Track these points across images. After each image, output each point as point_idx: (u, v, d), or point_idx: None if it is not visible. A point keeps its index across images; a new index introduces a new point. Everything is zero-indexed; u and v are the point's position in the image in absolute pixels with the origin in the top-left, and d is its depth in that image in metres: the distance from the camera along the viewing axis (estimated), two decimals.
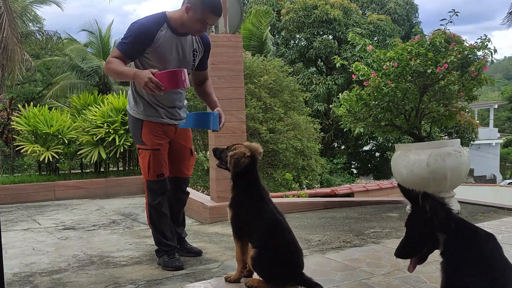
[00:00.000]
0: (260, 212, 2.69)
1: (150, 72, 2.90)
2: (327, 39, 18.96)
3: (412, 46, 4.46)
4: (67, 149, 7.39)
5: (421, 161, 4.39)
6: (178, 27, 3.16)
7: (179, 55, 3.24)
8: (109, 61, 3.09)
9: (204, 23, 3.11)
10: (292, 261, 2.64)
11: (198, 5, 3.05)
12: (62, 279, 3.16)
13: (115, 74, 3.13)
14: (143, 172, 3.41)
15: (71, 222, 5.30)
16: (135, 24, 3.14)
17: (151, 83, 2.86)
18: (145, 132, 3.31)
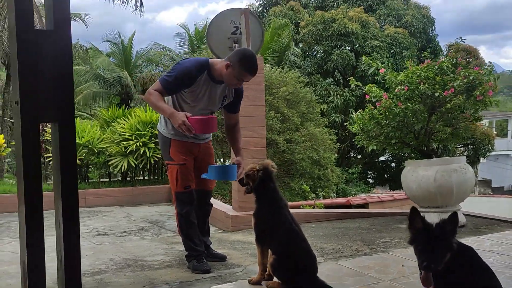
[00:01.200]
0: (278, 222, 3.10)
1: (184, 116, 3.36)
2: (345, 51, 19.30)
3: (421, 70, 4.82)
4: (97, 159, 7.86)
5: (428, 176, 4.73)
6: (216, 76, 3.54)
7: (210, 98, 3.63)
8: (150, 92, 3.52)
9: (240, 80, 3.51)
10: (307, 266, 3.03)
11: (237, 65, 3.43)
12: (104, 279, 3.57)
13: (154, 106, 3.61)
14: (171, 185, 3.80)
15: (103, 228, 5.72)
16: (180, 66, 3.56)
17: (184, 126, 3.34)
18: (173, 149, 3.72)
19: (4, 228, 5.82)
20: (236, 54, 3.49)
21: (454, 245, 2.04)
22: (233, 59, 3.46)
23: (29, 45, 1.66)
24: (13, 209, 6.93)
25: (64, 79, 1.74)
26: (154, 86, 3.57)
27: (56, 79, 1.73)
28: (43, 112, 1.73)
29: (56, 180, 1.82)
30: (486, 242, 4.22)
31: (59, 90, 1.74)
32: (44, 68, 1.70)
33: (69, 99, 1.77)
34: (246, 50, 3.60)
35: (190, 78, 3.51)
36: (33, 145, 1.74)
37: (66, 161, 1.78)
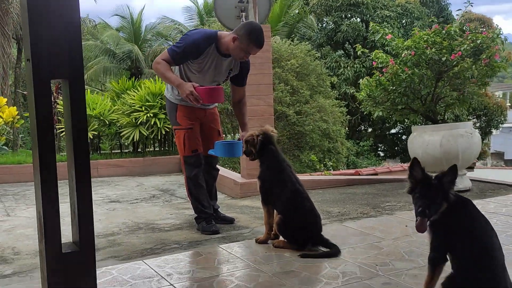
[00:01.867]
0: (282, 182, 3.21)
1: (192, 86, 3.45)
2: (355, 22, 19.09)
3: (429, 35, 4.82)
4: (108, 130, 7.99)
5: (434, 141, 4.78)
6: (223, 49, 3.59)
7: (216, 70, 3.70)
8: (158, 61, 3.60)
9: (247, 53, 3.56)
10: (311, 225, 3.14)
11: (244, 37, 3.48)
12: (117, 240, 3.71)
13: (162, 76, 3.68)
14: (179, 150, 3.91)
15: (116, 196, 5.87)
16: (188, 37, 3.61)
17: (191, 96, 3.44)
18: (180, 114, 3.82)
19: (20, 196, 6.00)
20: (243, 27, 3.54)
21: (451, 196, 2.10)
22: (240, 32, 3.50)
23: (39, 2, 1.73)
24: (28, 179, 7.12)
25: (73, 37, 1.81)
26: (162, 55, 3.63)
27: (66, 37, 1.80)
28: (54, 69, 1.81)
29: (68, 136, 1.91)
30: (490, 204, 4.28)
31: (69, 48, 1.81)
32: (54, 26, 1.77)
33: (78, 57, 1.85)
34: (253, 23, 3.63)
35: (198, 50, 3.57)
36: (45, 102, 1.83)
37: (76, 115, 1.87)
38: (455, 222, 2.11)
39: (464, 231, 2.10)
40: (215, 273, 2.77)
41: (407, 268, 2.75)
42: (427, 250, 2.97)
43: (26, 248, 3.56)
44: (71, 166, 1.90)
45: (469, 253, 2.04)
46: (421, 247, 3.09)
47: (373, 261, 2.88)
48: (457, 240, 2.09)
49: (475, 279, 1.99)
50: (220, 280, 2.65)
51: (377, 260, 2.88)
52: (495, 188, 5.12)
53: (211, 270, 2.81)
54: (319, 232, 3.18)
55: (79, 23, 1.84)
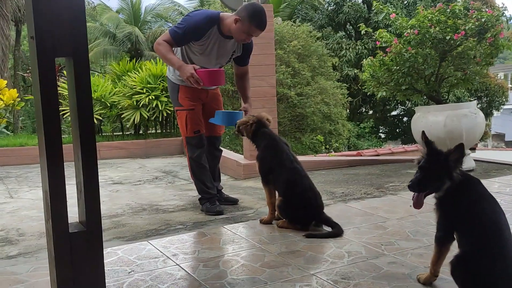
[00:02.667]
0: (280, 161, 3.21)
1: (193, 68, 3.41)
2: (357, 3, 18.91)
3: (433, 14, 4.76)
4: (110, 112, 7.96)
5: (438, 122, 4.76)
6: (225, 31, 3.54)
7: (218, 52, 3.65)
8: (159, 42, 3.54)
9: (249, 35, 3.50)
10: (312, 204, 3.14)
11: (246, 19, 3.42)
12: (121, 221, 3.71)
13: (163, 57, 3.62)
14: (182, 131, 3.89)
15: (118, 178, 5.87)
16: (190, 18, 3.55)
17: (192, 78, 3.40)
18: (181, 95, 3.79)
19: (23, 178, 6.00)
20: (245, 8, 3.48)
21: (455, 175, 2.08)
22: (242, 14, 3.45)
23: None
24: (30, 161, 7.12)
25: (77, 14, 1.79)
26: (163, 36, 3.59)
27: (70, 15, 1.77)
28: (58, 46, 1.78)
29: (73, 115, 1.90)
30: (494, 184, 4.28)
31: (73, 25, 1.79)
32: (57, 3, 1.74)
33: (82, 34, 1.82)
34: (255, 5, 3.56)
35: (200, 32, 3.52)
36: (50, 79, 1.81)
37: (81, 94, 1.85)
38: (462, 200, 2.10)
39: (472, 210, 2.08)
40: (220, 253, 2.77)
41: (412, 247, 2.75)
42: (433, 229, 2.97)
43: (30, 230, 3.56)
44: (77, 145, 1.88)
45: (478, 232, 2.03)
46: (426, 227, 3.09)
47: (378, 240, 2.88)
48: (465, 218, 2.08)
49: (484, 257, 1.98)
50: (226, 260, 2.65)
51: (382, 240, 2.89)
52: (498, 168, 5.12)
53: (216, 250, 2.81)
54: (321, 210, 3.18)
55: (83, 1, 1.81)
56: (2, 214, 4.09)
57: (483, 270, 1.96)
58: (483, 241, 2.00)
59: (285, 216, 3.21)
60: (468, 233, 2.05)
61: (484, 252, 1.97)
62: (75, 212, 1.96)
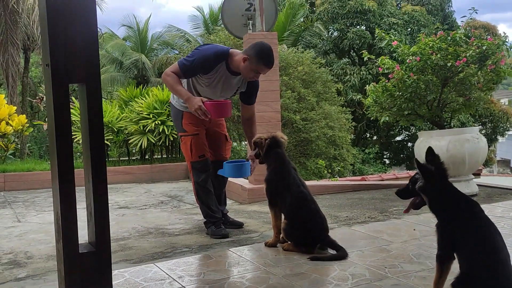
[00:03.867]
0: (287, 185, 3.26)
1: (201, 101, 3.49)
2: (361, 30, 19.18)
3: (434, 41, 4.87)
4: (116, 137, 8.06)
5: (441, 146, 4.81)
6: (233, 67, 3.62)
7: (223, 86, 3.73)
8: (167, 73, 3.64)
9: (258, 72, 3.59)
10: (317, 227, 3.18)
11: (254, 58, 3.51)
12: (128, 244, 3.75)
13: (171, 88, 3.69)
14: (186, 156, 3.93)
15: (124, 203, 5.92)
16: (200, 52, 3.63)
17: (200, 110, 3.48)
18: (185, 121, 3.86)
19: (30, 203, 6.06)
20: (253, 47, 3.56)
21: (428, 191, 2.23)
22: (250, 52, 3.54)
23: (57, 9, 1.79)
24: (37, 186, 7.20)
25: (90, 42, 1.88)
26: (172, 68, 3.67)
27: (83, 43, 1.86)
28: (72, 73, 1.87)
29: (84, 139, 1.97)
30: (497, 208, 4.30)
31: (86, 53, 1.88)
32: (72, 31, 1.84)
33: (95, 62, 1.92)
34: (263, 43, 3.64)
35: (208, 66, 3.60)
36: (63, 105, 1.89)
37: (93, 119, 1.93)
38: (460, 221, 2.15)
39: (469, 231, 2.13)
40: (225, 275, 2.81)
41: (416, 270, 2.77)
42: (436, 252, 3.01)
43: (38, 252, 3.61)
44: (88, 168, 1.95)
45: (476, 253, 2.07)
46: (429, 250, 3.12)
47: (382, 263, 2.91)
48: (463, 240, 2.13)
49: (484, 278, 2.02)
50: (231, 282, 2.68)
51: (386, 263, 2.91)
52: (502, 193, 5.14)
53: (222, 273, 2.85)
54: (326, 233, 3.22)
55: (96, 30, 1.90)
56: (11, 238, 4.15)
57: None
58: (482, 263, 2.04)
59: (290, 239, 3.25)
60: (467, 255, 2.10)
61: (482, 274, 2.02)
62: (85, 234, 2.02)
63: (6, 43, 11.99)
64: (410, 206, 2.45)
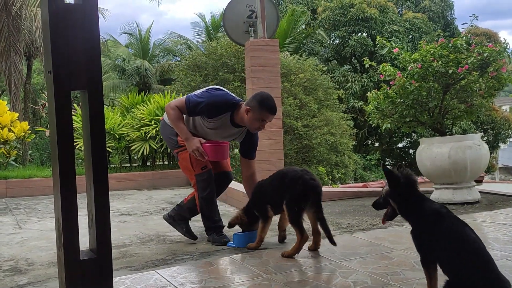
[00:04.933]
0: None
1: (199, 142, 3.55)
2: (363, 37, 19.23)
3: (435, 48, 4.88)
4: (118, 144, 8.07)
5: (443, 153, 4.80)
6: (236, 119, 3.64)
7: (222, 132, 3.76)
8: (172, 107, 3.63)
9: (263, 121, 3.60)
10: None
11: (257, 107, 3.53)
12: (129, 251, 3.75)
13: (173, 123, 3.68)
14: (188, 172, 3.83)
15: (126, 209, 5.92)
16: (211, 97, 3.62)
17: (197, 151, 3.55)
18: (180, 138, 3.76)
19: (31, 209, 6.06)
20: (254, 98, 3.59)
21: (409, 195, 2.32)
22: (252, 104, 3.55)
23: (60, 17, 1.80)
24: (38, 193, 7.21)
25: (92, 49, 1.88)
26: (178, 102, 3.65)
27: (85, 49, 1.87)
28: (74, 80, 1.88)
29: (86, 145, 1.97)
30: (500, 215, 4.29)
31: (88, 60, 1.88)
32: (74, 38, 1.84)
33: (97, 68, 1.92)
34: (263, 93, 3.65)
35: (214, 113, 3.61)
36: (65, 112, 1.89)
37: (95, 126, 1.93)
38: (428, 224, 2.23)
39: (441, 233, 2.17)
40: (227, 282, 2.80)
41: (417, 277, 2.76)
42: None
43: (39, 259, 3.60)
44: (89, 174, 1.95)
45: (457, 256, 2.09)
46: None
47: (384, 270, 2.89)
48: (437, 242, 2.17)
49: (469, 280, 2.03)
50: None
51: (388, 270, 2.90)
52: (504, 200, 5.13)
53: (223, 280, 2.84)
54: None
55: (98, 37, 1.91)
56: (12, 245, 4.14)
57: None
58: (465, 265, 2.07)
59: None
60: (448, 260, 2.12)
61: (467, 276, 2.03)
62: (86, 241, 2.01)
63: (9, 50, 12.04)
64: (384, 216, 2.54)
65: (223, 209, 5.52)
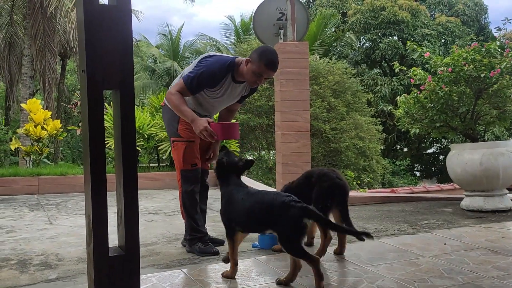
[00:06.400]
0: None
1: (206, 121, 3.31)
2: (393, 40, 19.03)
3: (468, 53, 4.79)
4: (147, 144, 8.18)
5: (474, 160, 4.71)
6: (238, 75, 3.48)
7: (228, 97, 3.61)
8: (172, 93, 3.45)
9: (260, 76, 3.41)
10: None
11: (256, 59, 3.36)
12: (155, 249, 3.79)
13: (175, 108, 3.47)
14: (177, 163, 3.67)
15: (153, 208, 5.99)
16: (205, 66, 3.44)
17: (205, 132, 3.30)
18: (181, 127, 3.60)
19: (62, 206, 6.20)
20: (256, 50, 3.45)
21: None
22: (253, 55, 3.41)
23: (95, 17, 1.84)
24: (69, 190, 7.36)
25: (125, 50, 1.92)
26: (177, 86, 3.48)
27: (118, 50, 1.91)
28: (106, 80, 1.92)
29: (116, 144, 2.01)
30: None
31: (121, 60, 1.92)
32: (108, 39, 1.88)
33: (129, 68, 1.95)
34: (267, 46, 3.53)
35: (215, 81, 3.46)
36: (97, 111, 1.93)
37: (126, 125, 1.96)
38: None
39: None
40: (252, 283, 2.80)
41: (446, 285, 2.71)
42: (467, 268, 2.95)
43: (69, 255, 3.68)
44: (120, 172, 1.99)
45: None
46: (460, 265, 3.05)
47: (411, 277, 2.85)
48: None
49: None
50: None
51: (415, 277, 2.86)
52: None
53: (248, 281, 2.84)
54: None
55: (131, 38, 1.94)
56: (43, 240, 4.24)
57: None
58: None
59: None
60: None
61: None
62: (114, 239, 2.05)
63: (44, 49, 12.35)
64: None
65: None
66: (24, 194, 7.27)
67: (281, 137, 5.53)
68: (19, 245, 4.03)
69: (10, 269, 3.31)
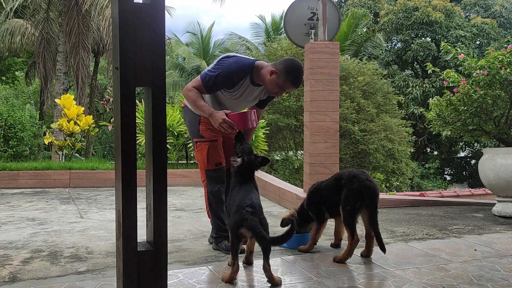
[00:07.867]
0: None
1: (224, 113, 3.30)
2: (426, 41, 18.72)
3: (504, 55, 4.68)
4: (176, 141, 8.26)
5: (507, 165, 4.60)
6: (257, 79, 3.47)
7: (246, 99, 3.59)
8: (189, 88, 3.46)
9: (283, 89, 3.42)
10: None
11: (283, 73, 3.34)
12: (182, 246, 3.83)
13: (193, 104, 3.49)
14: (201, 164, 3.67)
15: (181, 205, 6.05)
16: (224, 67, 3.42)
17: (224, 124, 3.28)
18: (202, 127, 3.62)
19: (92, 200, 6.32)
20: (283, 62, 3.41)
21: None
22: (279, 67, 3.37)
23: (129, 15, 1.87)
24: (100, 184, 7.50)
25: (158, 48, 1.94)
26: (194, 83, 3.49)
27: (151, 47, 1.93)
28: (139, 77, 1.94)
29: (147, 141, 2.04)
30: None
31: (154, 58, 1.94)
32: (141, 37, 1.91)
33: (161, 66, 1.97)
34: (294, 61, 3.46)
35: (232, 82, 3.45)
36: (130, 108, 1.96)
37: (157, 122, 1.99)
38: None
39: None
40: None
41: None
42: (498, 275, 2.89)
43: (98, 248, 3.75)
44: (150, 169, 2.01)
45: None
46: (491, 272, 2.99)
47: (439, 282, 2.81)
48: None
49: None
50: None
51: (443, 282, 2.82)
52: None
53: (274, 280, 2.84)
54: None
55: (164, 36, 1.96)
56: (73, 233, 4.33)
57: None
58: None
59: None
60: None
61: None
62: (143, 234, 2.07)
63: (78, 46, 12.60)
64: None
65: (276, 210, 5.55)
66: (56, 187, 7.45)
67: (309, 137, 5.51)
68: (51, 237, 4.13)
69: (41, 260, 3.40)
